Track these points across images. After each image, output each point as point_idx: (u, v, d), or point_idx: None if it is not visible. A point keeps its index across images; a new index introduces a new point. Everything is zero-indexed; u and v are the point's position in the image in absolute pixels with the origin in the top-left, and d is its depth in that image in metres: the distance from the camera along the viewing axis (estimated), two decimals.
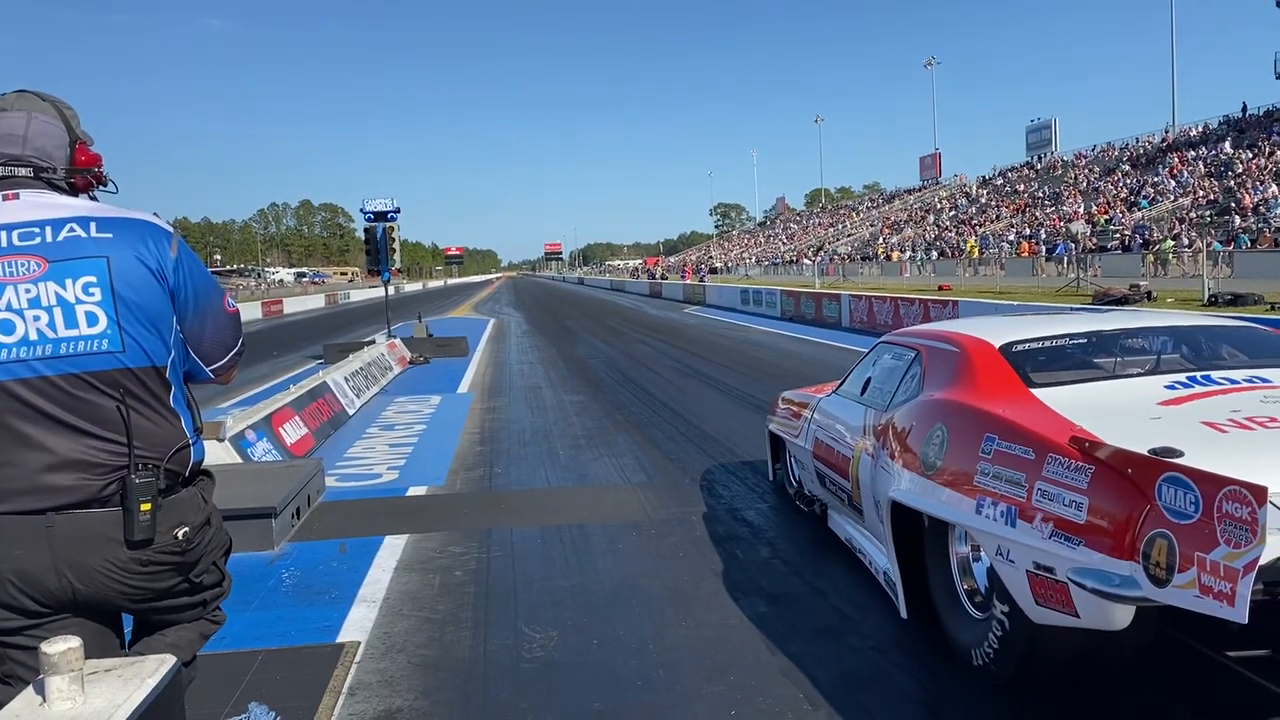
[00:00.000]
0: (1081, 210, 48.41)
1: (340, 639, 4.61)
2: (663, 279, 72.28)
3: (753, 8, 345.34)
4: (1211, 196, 40.82)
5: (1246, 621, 2.39)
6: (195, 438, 2.30)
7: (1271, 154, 42.71)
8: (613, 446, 9.54)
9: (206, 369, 2.37)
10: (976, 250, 47.44)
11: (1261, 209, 35.87)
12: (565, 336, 25.91)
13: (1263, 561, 2.40)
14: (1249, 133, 48.25)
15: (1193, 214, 38.29)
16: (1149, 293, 23.61)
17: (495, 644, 4.48)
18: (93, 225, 2.15)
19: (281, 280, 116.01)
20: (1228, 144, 45.71)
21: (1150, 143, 57.94)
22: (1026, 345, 4.51)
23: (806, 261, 67.08)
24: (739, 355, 18.79)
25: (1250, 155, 43.90)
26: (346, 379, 12.96)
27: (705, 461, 8.58)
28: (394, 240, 19.00)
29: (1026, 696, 3.65)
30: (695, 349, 20.33)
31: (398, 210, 19.00)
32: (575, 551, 5.97)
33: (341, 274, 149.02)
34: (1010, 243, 47.35)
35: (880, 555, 4.85)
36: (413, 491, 7.89)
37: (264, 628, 4.77)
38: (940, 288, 34.45)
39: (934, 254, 52.63)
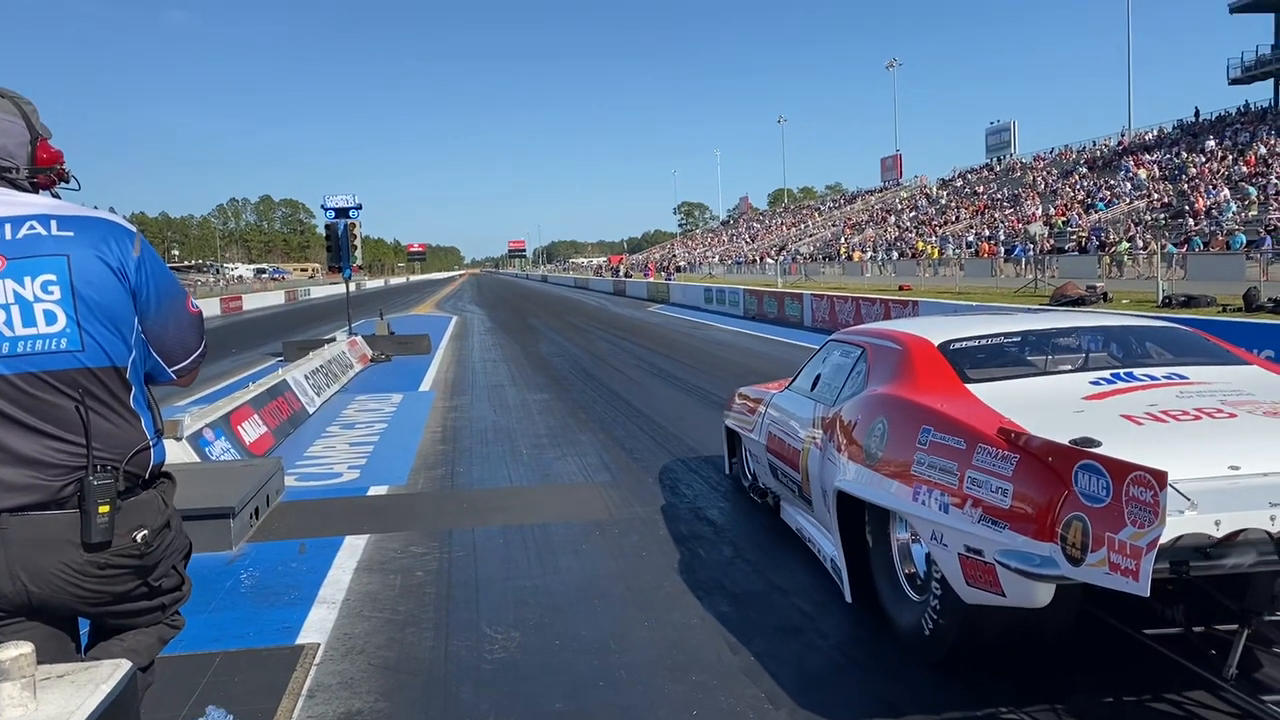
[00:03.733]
0: (1040, 212, 49.05)
1: (300, 640, 4.57)
2: (626, 277, 72.28)
3: (717, 7, 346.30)
4: (1165, 200, 41.54)
5: (1148, 595, 2.61)
6: (156, 439, 2.27)
7: (1224, 158, 43.55)
8: (576, 445, 9.54)
9: (168, 369, 2.34)
10: (936, 252, 47.93)
11: (1214, 212, 36.56)
12: (529, 334, 25.84)
13: (1164, 540, 2.63)
14: (1202, 137, 49.15)
15: (1148, 217, 38.97)
16: (1105, 294, 24.00)
17: (457, 645, 4.46)
18: (53, 223, 2.12)
19: (241, 276, 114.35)
20: (1211, 142, 46.37)
21: (1106, 146, 58.85)
22: (964, 344, 4.72)
23: (769, 261, 67.36)
24: (702, 354, 18.83)
25: (1203, 159, 44.73)
26: (307, 377, 12.83)
27: (668, 459, 8.60)
28: (355, 237, 18.83)
29: (983, 690, 3.70)
30: (659, 347, 20.35)
31: (359, 206, 18.82)
32: (538, 551, 5.96)
33: (302, 270, 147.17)
34: (969, 244, 47.88)
35: (828, 543, 5.03)
36: (374, 491, 7.83)
37: (222, 629, 4.72)
38: (901, 288, 34.78)
39: (895, 254, 53.09)
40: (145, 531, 2.19)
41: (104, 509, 2.08)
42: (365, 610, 4.98)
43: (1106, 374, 4.20)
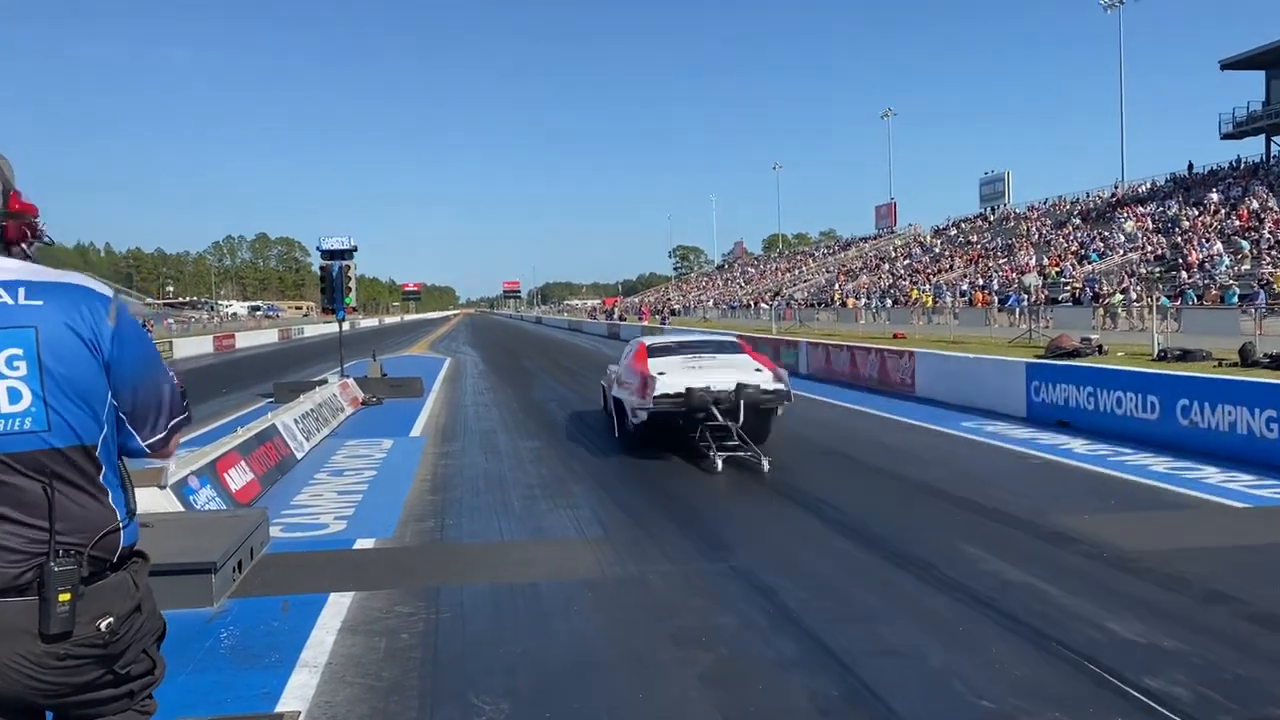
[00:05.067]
0: (1033, 262, 49.27)
1: (279, 708, 4.40)
2: (621, 319, 72.30)
3: (714, 56, 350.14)
4: (1159, 252, 41.75)
5: (649, 414, 10.92)
6: (127, 520, 2.11)
7: (1216, 212, 43.86)
8: (569, 497, 9.37)
9: (143, 444, 2.20)
10: (930, 300, 48.05)
11: (1207, 265, 36.74)
12: (522, 377, 25.69)
13: (657, 394, 10.71)
14: (1195, 190, 49.55)
15: (1141, 269, 39.11)
16: (1100, 346, 23.92)
17: (442, 716, 4.29)
18: (21, 291, 1.99)
19: (235, 314, 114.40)
20: (1215, 195, 46.67)
21: (1100, 197, 59.30)
22: (655, 343, 12.97)
23: (764, 305, 67.50)
24: None
25: (1196, 212, 45.04)
26: (296, 421, 12.66)
27: (661, 515, 8.44)
28: (350, 279, 18.73)
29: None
30: None
31: (354, 249, 18.75)
32: (528, 613, 5.78)
33: (296, 308, 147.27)
34: (963, 293, 48.02)
35: (613, 420, 12.70)
36: (360, 544, 7.64)
37: (198, 694, 4.54)
38: (895, 335, 34.77)
39: (889, 301, 53.21)
40: (110, 619, 2.04)
41: (64, 597, 1.93)
42: (348, 675, 4.80)
43: (694, 355, 12.04)
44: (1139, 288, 35.02)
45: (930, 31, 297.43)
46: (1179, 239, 42.02)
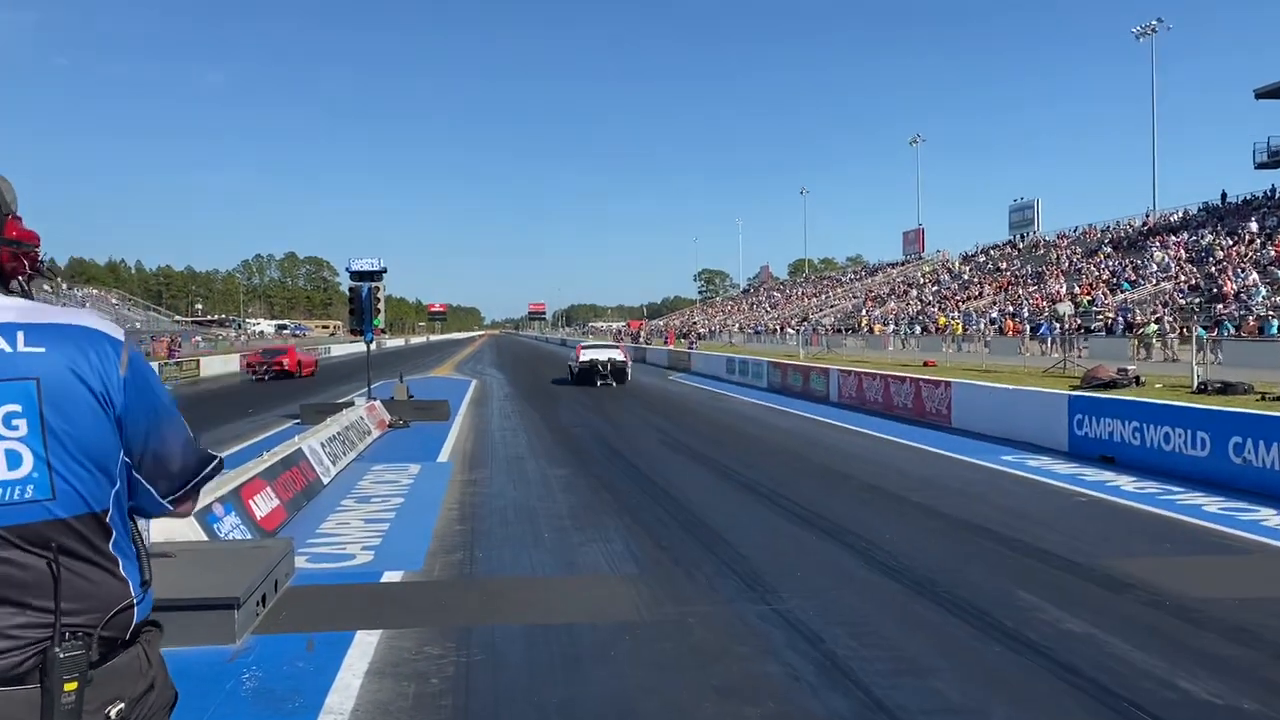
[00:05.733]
0: (1064, 290, 48.69)
1: None
2: (646, 343, 72.10)
3: (741, 79, 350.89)
4: (1193, 281, 41.13)
5: (575, 378, 31.05)
6: (142, 594, 1.86)
7: (1251, 242, 43.19)
8: (600, 529, 9.10)
9: (162, 501, 1.95)
10: (960, 327, 47.55)
11: (1243, 296, 36.11)
12: (548, 401, 25.48)
13: (583, 360, 31.01)
14: (1229, 220, 48.87)
15: (1175, 298, 38.51)
16: (1137, 378, 23.40)
17: None
18: (20, 336, 1.73)
19: (262, 332, 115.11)
20: (1254, 224, 45.98)
21: (1131, 226, 58.64)
22: (584, 345, 35.93)
23: (790, 331, 67.11)
24: (727, 429, 18.42)
25: (1230, 242, 44.39)
26: (323, 445, 12.48)
27: (697, 550, 8.16)
28: (379, 301, 18.63)
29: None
30: (683, 419, 19.95)
31: (384, 270, 18.66)
32: (563, 657, 5.51)
33: (323, 327, 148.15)
34: (993, 320, 47.49)
35: (567, 376, 33.38)
36: (388, 577, 7.40)
37: None
38: (926, 363, 34.33)
39: (917, 328, 52.72)
40: (121, 705, 1.78)
41: (70, 686, 1.68)
42: None
43: (598, 349, 33.07)
44: (1173, 317, 34.45)
45: (959, 57, 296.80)
46: (1213, 269, 41.39)
